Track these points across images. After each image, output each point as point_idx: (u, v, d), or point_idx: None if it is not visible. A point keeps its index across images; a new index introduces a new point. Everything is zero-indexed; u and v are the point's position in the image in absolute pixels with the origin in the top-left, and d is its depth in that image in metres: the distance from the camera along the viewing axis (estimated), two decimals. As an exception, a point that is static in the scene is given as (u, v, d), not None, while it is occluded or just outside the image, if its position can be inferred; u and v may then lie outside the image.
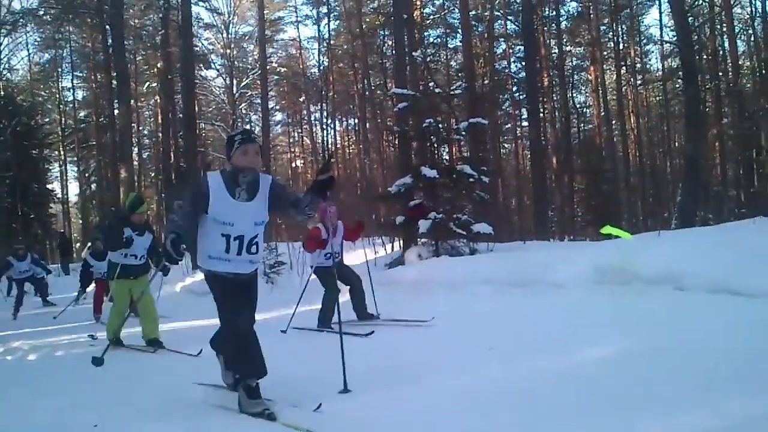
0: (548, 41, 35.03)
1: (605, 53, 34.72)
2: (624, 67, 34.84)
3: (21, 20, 31.16)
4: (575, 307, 7.21)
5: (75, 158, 42.25)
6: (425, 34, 32.02)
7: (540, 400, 3.88)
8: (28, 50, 38.69)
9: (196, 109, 29.90)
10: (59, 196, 40.25)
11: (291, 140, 47.94)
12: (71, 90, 41.61)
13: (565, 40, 35.52)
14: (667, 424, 3.27)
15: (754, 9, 28.39)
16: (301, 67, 40.77)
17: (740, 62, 29.04)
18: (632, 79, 35.10)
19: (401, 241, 14.51)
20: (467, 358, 5.41)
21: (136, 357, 7.17)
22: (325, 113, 40.24)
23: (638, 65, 35.18)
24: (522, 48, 30.95)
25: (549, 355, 5.11)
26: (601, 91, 33.85)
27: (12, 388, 5.68)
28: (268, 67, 36.72)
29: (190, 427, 4.08)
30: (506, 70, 35.43)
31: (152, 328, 7.68)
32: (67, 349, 8.26)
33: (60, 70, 40.51)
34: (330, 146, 38.91)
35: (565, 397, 3.89)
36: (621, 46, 35.00)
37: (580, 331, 5.95)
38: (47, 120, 40.44)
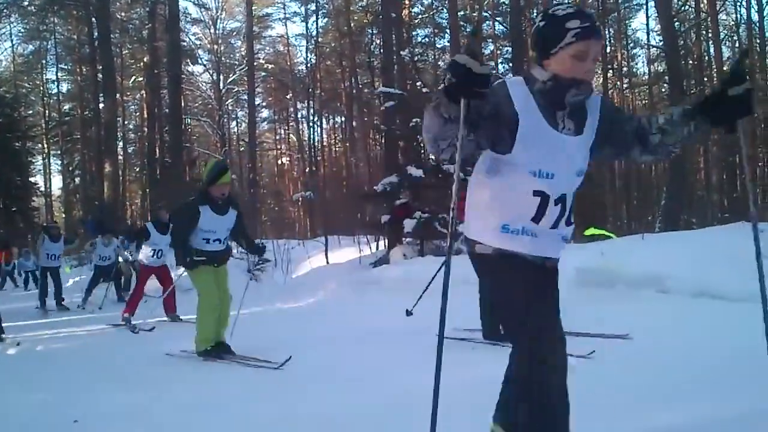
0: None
1: (592, 56, 34.83)
2: (611, 71, 35.01)
3: (5, 10, 30.90)
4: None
5: (59, 151, 41.93)
6: (413, 33, 32.05)
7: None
8: (11, 41, 38.35)
9: (183, 104, 29.79)
10: (42, 189, 39.93)
11: (277, 137, 47.88)
12: (56, 82, 41.28)
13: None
14: (643, 425, 3.28)
15: (739, 15, 28.76)
16: (288, 64, 40.71)
17: (725, 68, 29.27)
18: (619, 83, 35.30)
19: (386, 240, 14.50)
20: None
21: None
22: (312, 111, 40.22)
23: (625, 69, 35.40)
24: (510, 49, 31.08)
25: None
26: (587, 94, 33.96)
27: (1, 382, 5.62)
28: (255, 64, 36.75)
29: (175, 425, 4.06)
30: (494, 72, 35.46)
31: (223, 329, 6.43)
32: (49, 344, 8.22)
33: (44, 62, 40.17)
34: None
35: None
36: (608, 50, 35.17)
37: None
38: (30, 112, 40.03)
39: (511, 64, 30.71)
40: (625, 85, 35.57)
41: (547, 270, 2.63)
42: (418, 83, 15.46)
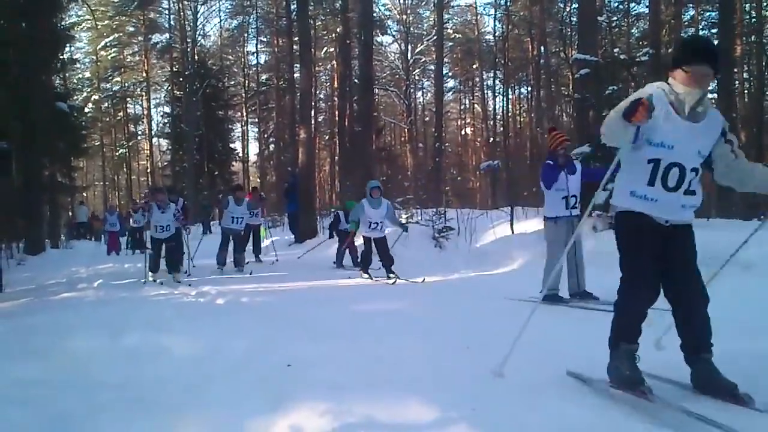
0: (744, 5, 32.38)
1: (813, 16, 31.52)
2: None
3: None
4: (758, 290, 6.65)
5: (255, 119, 44.59)
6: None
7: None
8: (219, 17, 41.35)
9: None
10: (240, 155, 42.84)
11: (462, 107, 47.88)
12: (255, 54, 43.87)
13: (764, 2, 32.63)
14: None
15: None
16: (476, 33, 40.45)
17: None
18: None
19: (574, 212, 14.06)
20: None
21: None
22: (498, 80, 39.78)
23: None
24: (712, 14, 28.99)
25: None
26: (804, 60, 30.89)
27: (205, 327, 6.06)
28: (443, 34, 36.76)
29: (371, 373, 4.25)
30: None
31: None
32: (251, 297, 8.82)
33: (246, 35, 42.84)
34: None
35: None
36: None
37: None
38: (232, 83, 42.94)
39: (715, 30, 28.63)
40: None
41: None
42: (616, 50, 14.73)
